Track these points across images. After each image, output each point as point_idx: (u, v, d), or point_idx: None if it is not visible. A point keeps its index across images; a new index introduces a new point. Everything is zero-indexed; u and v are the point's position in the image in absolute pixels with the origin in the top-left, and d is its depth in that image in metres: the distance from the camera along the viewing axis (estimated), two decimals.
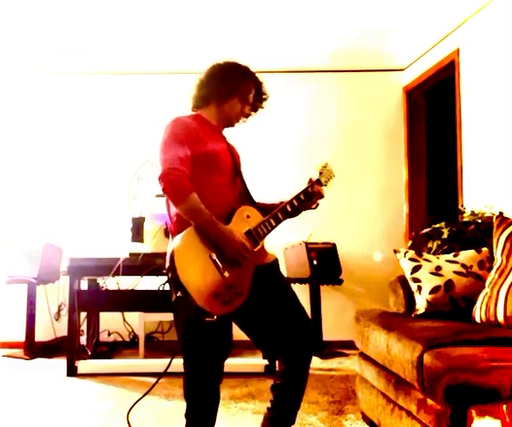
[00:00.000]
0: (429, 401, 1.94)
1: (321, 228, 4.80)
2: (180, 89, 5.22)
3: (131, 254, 3.91)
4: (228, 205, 2.11)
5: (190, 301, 1.91)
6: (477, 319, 2.38)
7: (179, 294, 1.93)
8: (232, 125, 2.33)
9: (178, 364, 2.16)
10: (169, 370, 2.22)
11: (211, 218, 1.97)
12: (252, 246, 2.04)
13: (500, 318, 2.25)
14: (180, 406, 2.90)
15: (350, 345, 2.86)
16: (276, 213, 2.16)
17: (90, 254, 4.15)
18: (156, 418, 2.93)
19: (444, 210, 3.94)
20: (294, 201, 2.20)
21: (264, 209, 2.23)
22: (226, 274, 1.97)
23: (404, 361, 2.09)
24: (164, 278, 3.66)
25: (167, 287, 2.27)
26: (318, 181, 2.29)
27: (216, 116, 2.26)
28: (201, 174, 2.08)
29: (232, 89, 2.23)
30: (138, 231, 4.12)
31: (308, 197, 2.24)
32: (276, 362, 2.54)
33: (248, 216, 2.12)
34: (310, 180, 2.28)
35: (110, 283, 4.12)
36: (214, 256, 1.97)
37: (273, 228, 2.14)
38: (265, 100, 2.36)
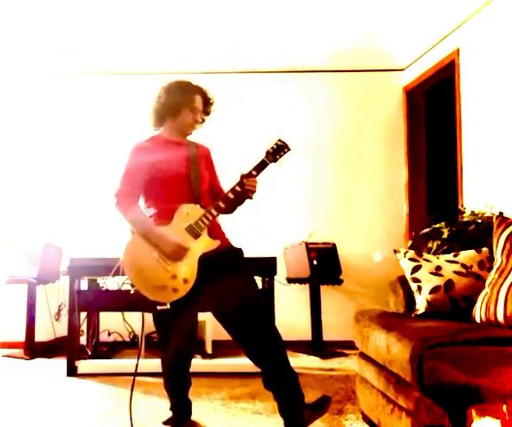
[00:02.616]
0: (429, 401, 1.94)
1: (321, 228, 4.80)
2: None
3: None
4: (175, 208, 2.48)
5: (143, 295, 2.38)
6: (477, 319, 2.38)
7: (132, 290, 2.42)
8: (189, 134, 2.71)
9: None
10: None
11: (148, 226, 2.47)
12: (192, 239, 2.42)
13: (500, 317, 2.25)
14: None
15: (350, 345, 2.86)
16: (217, 204, 2.49)
17: (90, 254, 4.15)
18: (156, 418, 2.93)
19: (444, 210, 3.94)
20: (230, 194, 2.50)
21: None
22: (169, 268, 2.38)
23: (404, 361, 2.09)
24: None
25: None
26: (249, 174, 2.51)
27: (172, 130, 2.66)
28: (152, 188, 2.56)
29: (180, 103, 2.61)
30: None
31: (242, 189, 2.50)
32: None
33: (187, 213, 2.47)
34: (242, 174, 2.53)
35: (110, 283, 4.12)
36: (156, 254, 2.40)
37: (215, 216, 2.48)
38: (212, 104, 2.73)
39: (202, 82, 2.78)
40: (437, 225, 3.23)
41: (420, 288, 2.65)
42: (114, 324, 4.83)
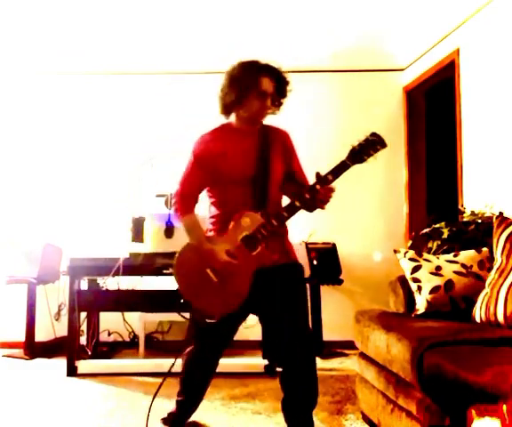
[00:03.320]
0: (429, 401, 1.94)
1: (321, 228, 4.80)
2: (180, 89, 5.24)
3: (131, 254, 3.91)
4: (232, 211, 2.27)
5: (191, 306, 2.25)
6: (477, 319, 2.38)
7: (181, 300, 2.25)
8: (260, 122, 2.39)
9: (178, 364, 2.20)
10: (171, 370, 2.29)
11: (198, 238, 2.31)
12: (248, 251, 2.20)
13: (500, 317, 2.25)
14: None
15: (350, 345, 2.86)
16: (279, 213, 2.23)
17: (90, 254, 4.15)
18: (156, 418, 2.93)
19: (444, 210, 3.94)
20: (296, 202, 2.21)
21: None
22: (221, 280, 2.22)
23: (404, 361, 2.09)
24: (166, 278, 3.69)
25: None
26: (324, 179, 2.20)
27: (241, 118, 2.37)
28: (214, 187, 2.37)
29: (242, 89, 2.28)
30: (138, 231, 4.12)
31: (312, 197, 2.21)
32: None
33: (246, 222, 2.23)
34: (317, 174, 2.23)
35: (110, 283, 4.12)
36: (208, 267, 2.25)
37: (276, 227, 2.21)
38: (286, 83, 2.36)
39: (267, 60, 2.39)
40: (437, 225, 3.23)
41: (420, 288, 2.65)
42: (114, 324, 4.83)
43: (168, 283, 4.00)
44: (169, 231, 3.92)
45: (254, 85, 2.27)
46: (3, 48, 4.76)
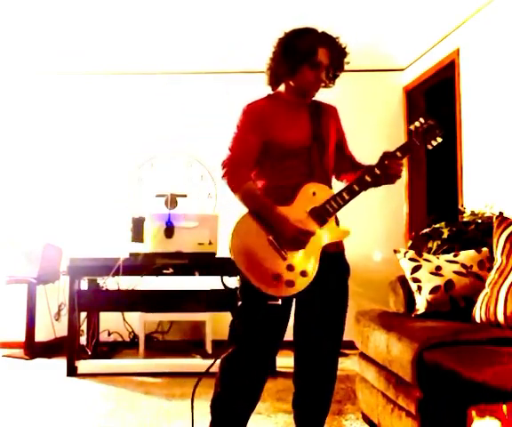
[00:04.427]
0: (429, 401, 1.94)
1: None
2: (180, 89, 5.24)
3: (131, 254, 3.91)
4: (297, 183, 2.06)
5: (250, 284, 1.93)
6: (477, 319, 2.38)
7: (238, 278, 1.97)
8: (311, 95, 2.20)
9: (178, 364, 2.17)
10: (169, 370, 2.24)
11: (265, 204, 2.00)
12: (317, 225, 2.01)
13: (500, 317, 2.25)
14: (180, 406, 2.92)
15: (350, 345, 2.86)
16: (350, 186, 2.09)
17: (90, 254, 4.15)
18: (155, 418, 2.93)
19: (444, 210, 3.94)
20: (367, 177, 2.09)
21: (356, 167, 2.21)
22: (286, 256, 1.95)
23: (404, 361, 2.09)
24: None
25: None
26: (393, 154, 2.09)
27: (291, 90, 2.16)
28: (269, 159, 2.09)
29: (296, 59, 2.09)
30: (138, 231, 4.11)
31: (383, 173, 2.08)
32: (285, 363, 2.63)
33: (314, 193, 2.06)
34: (385, 152, 2.10)
35: (110, 283, 4.12)
36: (272, 238, 1.96)
37: (346, 202, 2.09)
38: (344, 55, 2.20)
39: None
40: (437, 225, 3.23)
41: (420, 288, 2.65)
42: (114, 324, 4.83)
43: (168, 283, 4.03)
44: (169, 231, 3.92)
45: (309, 56, 2.08)
46: (3, 48, 4.76)
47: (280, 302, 1.93)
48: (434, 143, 2.19)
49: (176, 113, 5.08)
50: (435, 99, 4.97)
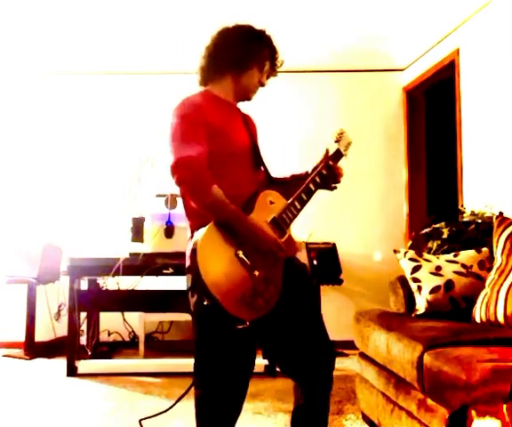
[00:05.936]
0: (429, 401, 1.94)
1: (321, 228, 4.80)
2: (180, 89, 5.23)
3: (131, 254, 3.91)
4: (248, 192, 1.82)
5: (219, 308, 1.63)
6: (477, 319, 2.38)
7: (205, 302, 1.66)
8: (249, 99, 2.02)
9: (178, 364, 2.16)
10: (169, 370, 2.24)
11: (236, 212, 1.69)
12: (279, 236, 1.78)
13: (500, 318, 2.25)
14: (180, 406, 2.90)
15: (350, 345, 2.86)
16: (299, 195, 1.88)
17: (90, 254, 4.15)
18: (155, 418, 2.93)
19: (444, 210, 3.94)
20: (317, 178, 1.96)
21: (284, 186, 1.99)
22: (256, 273, 1.69)
23: (404, 361, 2.09)
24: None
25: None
26: (337, 154, 2.07)
27: (231, 89, 1.95)
28: (215, 164, 1.76)
29: (250, 57, 1.94)
30: (138, 231, 4.12)
31: (329, 172, 2.00)
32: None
33: (271, 202, 1.84)
34: (327, 152, 2.04)
35: (110, 283, 4.12)
36: (241, 254, 1.68)
37: (298, 211, 1.87)
38: (279, 64, 2.05)
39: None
40: (437, 225, 3.23)
41: (420, 288, 2.65)
42: (114, 324, 4.83)
43: (168, 283, 4.03)
44: (169, 231, 3.92)
45: (260, 58, 1.95)
46: (4, 48, 4.76)
47: (248, 324, 1.67)
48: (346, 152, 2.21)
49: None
50: (435, 99, 4.97)
